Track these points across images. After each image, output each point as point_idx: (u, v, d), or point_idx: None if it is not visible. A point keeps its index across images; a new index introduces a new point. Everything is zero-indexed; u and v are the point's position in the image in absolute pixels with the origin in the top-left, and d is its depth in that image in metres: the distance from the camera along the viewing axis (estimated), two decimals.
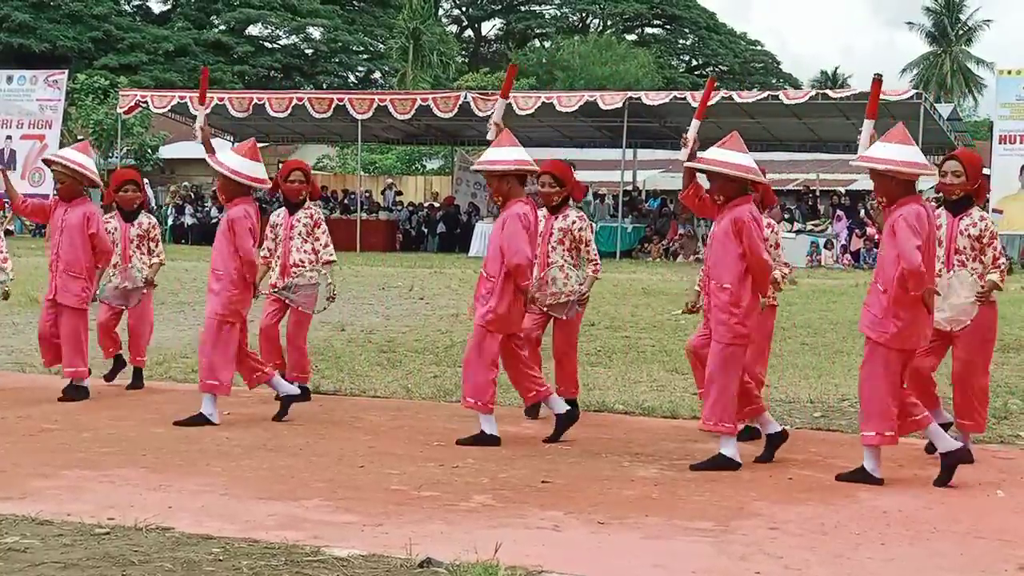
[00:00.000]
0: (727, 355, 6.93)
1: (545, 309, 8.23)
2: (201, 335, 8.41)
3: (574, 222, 8.32)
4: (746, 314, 6.95)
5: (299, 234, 9.02)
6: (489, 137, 8.19)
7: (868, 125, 7.15)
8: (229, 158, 8.28)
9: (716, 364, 6.95)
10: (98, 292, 9.47)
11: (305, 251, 9.02)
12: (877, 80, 7.44)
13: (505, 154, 7.64)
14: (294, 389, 8.47)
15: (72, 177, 8.90)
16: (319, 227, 9.10)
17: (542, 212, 8.27)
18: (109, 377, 9.68)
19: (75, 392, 8.89)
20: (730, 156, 7.05)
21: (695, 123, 7.50)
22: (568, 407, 7.83)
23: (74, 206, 8.93)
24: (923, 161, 6.73)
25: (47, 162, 9.29)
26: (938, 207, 7.37)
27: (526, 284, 7.47)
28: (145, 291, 9.60)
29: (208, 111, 9.43)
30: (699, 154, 7.21)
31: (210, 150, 8.38)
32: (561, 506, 5.95)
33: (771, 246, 7.69)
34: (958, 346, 7.23)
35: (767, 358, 8.06)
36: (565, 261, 8.27)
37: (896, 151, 6.67)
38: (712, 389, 6.97)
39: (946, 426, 7.20)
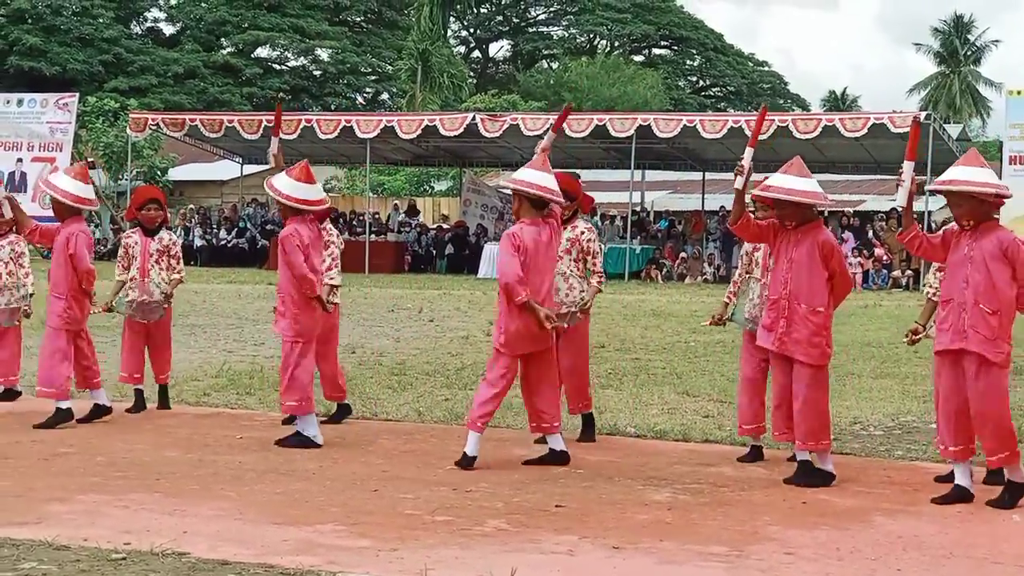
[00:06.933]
0: (820, 377, 7.16)
1: None
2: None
3: (582, 232, 8.35)
4: (830, 335, 7.18)
5: None
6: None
7: (908, 167, 7.11)
8: (283, 182, 8.36)
9: (808, 385, 7.12)
10: (115, 305, 9.55)
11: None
12: (916, 122, 7.61)
13: (533, 177, 7.65)
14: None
15: (58, 201, 8.97)
16: (327, 248, 9.04)
17: None
18: (133, 410, 9.65)
19: (58, 416, 8.81)
20: (796, 183, 7.13)
21: (749, 151, 7.53)
22: (562, 449, 7.74)
23: (64, 227, 8.98)
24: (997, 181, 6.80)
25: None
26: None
27: (518, 301, 7.44)
28: (166, 305, 9.60)
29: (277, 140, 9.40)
30: (767, 181, 7.24)
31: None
32: (575, 530, 5.95)
33: None
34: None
35: None
36: (570, 271, 8.29)
37: (977, 173, 6.73)
38: (807, 410, 7.11)
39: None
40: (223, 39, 63.63)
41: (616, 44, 72.58)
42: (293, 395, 8.16)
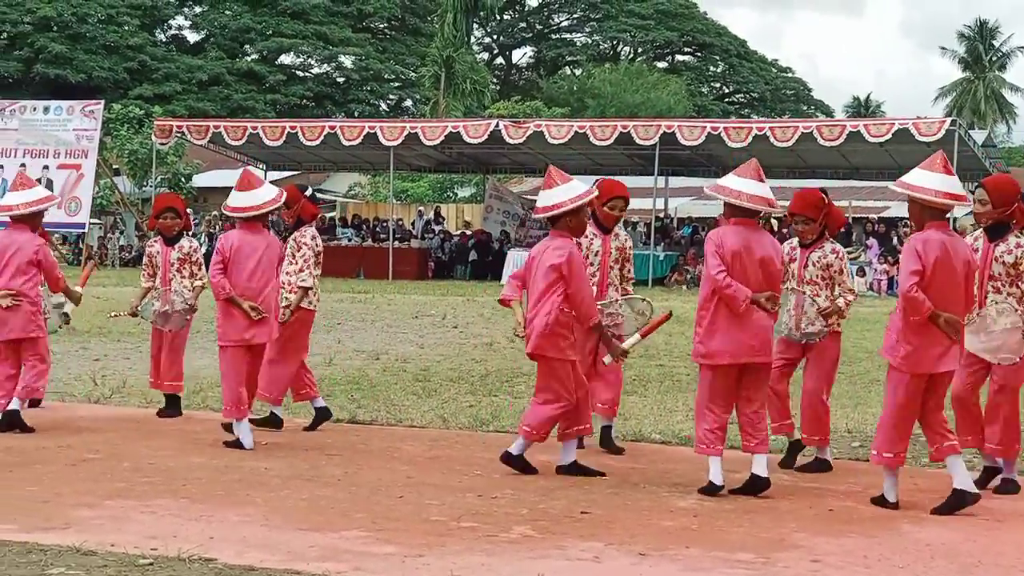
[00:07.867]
0: (702, 376, 7.25)
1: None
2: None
3: (626, 240, 8.58)
4: (706, 334, 7.07)
5: (288, 256, 9.03)
6: None
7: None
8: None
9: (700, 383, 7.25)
10: (140, 311, 9.66)
11: (289, 273, 9.00)
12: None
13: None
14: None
15: None
16: (299, 250, 9.04)
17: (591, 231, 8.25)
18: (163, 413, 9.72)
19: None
20: (728, 180, 7.17)
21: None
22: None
23: None
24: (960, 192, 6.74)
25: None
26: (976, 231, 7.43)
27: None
28: (188, 316, 9.71)
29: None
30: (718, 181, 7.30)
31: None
32: (601, 537, 5.94)
33: (836, 272, 7.82)
34: (996, 371, 7.20)
35: (832, 382, 8.06)
36: (618, 281, 8.42)
37: (920, 177, 6.70)
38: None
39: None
40: (247, 46, 63.88)
41: (639, 50, 72.51)
42: (224, 400, 8.51)
